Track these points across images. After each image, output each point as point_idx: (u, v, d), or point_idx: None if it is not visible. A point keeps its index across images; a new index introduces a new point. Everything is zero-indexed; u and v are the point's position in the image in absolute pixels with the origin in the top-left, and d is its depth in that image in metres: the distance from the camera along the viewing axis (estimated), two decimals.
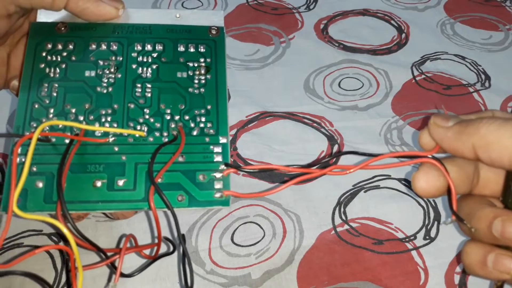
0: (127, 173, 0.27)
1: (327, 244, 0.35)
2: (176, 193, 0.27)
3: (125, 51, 0.31)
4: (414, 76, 0.49)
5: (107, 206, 0.27)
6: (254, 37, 0.53)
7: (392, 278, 0.33)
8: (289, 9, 0.57)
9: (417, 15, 0.57)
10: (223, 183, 0.28)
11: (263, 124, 0.43)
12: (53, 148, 0.27)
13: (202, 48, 0.31)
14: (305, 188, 0.38)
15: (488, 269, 0.23)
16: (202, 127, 0.29)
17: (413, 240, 0.35)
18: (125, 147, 0.28)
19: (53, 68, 0.30)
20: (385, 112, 0.45)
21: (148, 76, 0.30)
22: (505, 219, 0.22)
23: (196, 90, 0.30)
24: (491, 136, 0.22)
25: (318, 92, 0.47)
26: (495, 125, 0.22)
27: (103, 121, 0.28)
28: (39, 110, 0.28)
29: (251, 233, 0.35)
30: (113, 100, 0.29)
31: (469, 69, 0.50)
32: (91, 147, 0.28)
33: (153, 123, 0.29)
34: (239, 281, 0.32)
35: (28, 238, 0.34)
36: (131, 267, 0.31)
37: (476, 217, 0.23)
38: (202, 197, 0.27)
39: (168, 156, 0.27)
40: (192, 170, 0.28)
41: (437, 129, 0.24)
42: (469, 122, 0.23)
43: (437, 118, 0.24)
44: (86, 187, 0.27)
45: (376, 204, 0.37)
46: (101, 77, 0.30)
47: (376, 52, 0.51)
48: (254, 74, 0.48)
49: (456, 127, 0.23)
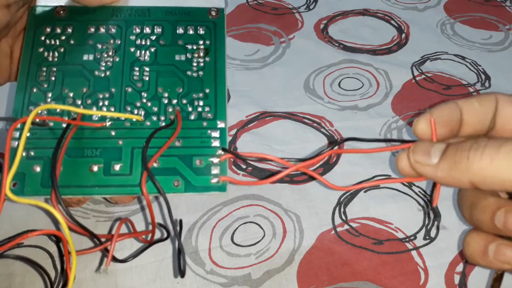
0: (124, 158, 0.27)
1: (327, 244, 0.35)
2: (172, 178, 0.27)
3: (124, 34, 0.31)
4: (414, 76, 0.49)
5: (104, 191, 0.27)
6: (254, 37, 0.53)
7: (392, 278, 0.33)
8: (289, 9, 0.57)
9: (417, 15, 0.57)
10: (220, 169, 0.27)
11: (263, 124, 0.43)
12: (50, 132, 0.27)
13: (201, 30, 0.31)
14: (305, 188, 0.38)
15: (489, 259, 0.23)
16: (200, 111, 0.29)
17: (413, 240, 0.35)
18: (122, 131, 0.28)
19: (52, 52, 0.30)
20: (385, 112, 0.45)
21: (146, 59, 0.30)
22: (509, 210, 0.22)
23: (194, 73, 0.30)
24: (487, 172, 0.21)
25: (318, 92, 0.47)
26: (487, 158, 0.21)
27: (100, 105, 0.28)
28: (37, 94, 0.28)
29: (251, 233, 0.35)
30: (110, 84, 0.29)
31: (469, 69, 0.50)
32: (88, 131, 0.28)
33: (150, 107, 0.29)
34: (239, 281, 0.32)
35: (28, 238, 0.34)
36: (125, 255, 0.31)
37: (479, 207, 0.23)
38: (198, 182, 0.27)
39: (165, 141, 0.27)
40: (189, 155, 0.27)
41: (422, 167, 0.23)
42: (457, 156, 0.22)
43: (417, 155, 0.23)
44: (83, 171, 0.27)
45: (376, 204, 0.37)
46: (99, 61, 0.30)
47: (376, 52, 0.51)
48: (254, 74, 0.48)
49: (445, 166, 0.22)
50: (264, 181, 0.25)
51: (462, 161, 0.21)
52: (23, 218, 0.35)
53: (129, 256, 0.30)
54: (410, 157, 0.23)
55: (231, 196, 0.37)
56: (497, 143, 0.21)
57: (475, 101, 0.25)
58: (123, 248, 0.34)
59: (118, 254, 0.33)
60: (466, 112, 0.25)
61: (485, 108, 0.25)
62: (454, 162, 0.22)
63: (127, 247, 0.34)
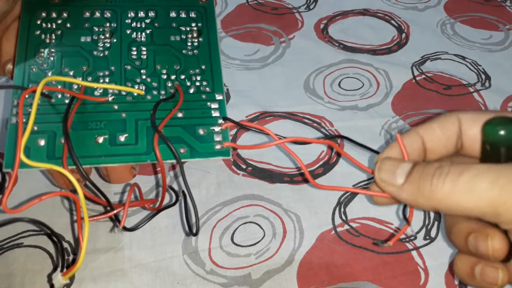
0: (128, 129, 0.28)
1: (327, 244, 0.35)
2: (178, 146, 0.28)
3: (119, 18, 0.31)
4: (414, 76, 0.49)
5: (111, 160, 0.27)
6: (254, 37, 0.53)
7: (392, 278, 0.33)
8: (289, 9, 0.57)
9: (417, 15, 0.57)
10: (222, 136, 0.28)
11: (263, 124, 0.43)
12: (53, 108, 0.28)
13: (193, 14, 0.32)
14: (305, 188, 0.38)
15: (477, 280, 0.23)
16: (198, 85, 0.30)
17: (413, 240, 0.35)
18: (124, 105, 0.29)
19: (49, 34, 0.30)
20: (385, 112, 0.45)
21: (142, 40, 0.31)
22: (478, 235, 0.22)
23: (190, 52, 0.31)
24: (448, 200, 0.20)
25: (318, 92, 0.47)
26: (448, 187, 0.20)
27: (101, 82, 0.29)
28: (37, 73, 0.29)
29: (251, 233, 0.35)
30: (109, 63, 0.30)
31: (469, 69, 0.50)
32: (91, 106, 0.28)
33: (150, 83, 0.29)
34: (239, 281, 0.32)
35: (28, 238, 0.34)
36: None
37: (453, 231, 0.23)
38: (203, 149, 0.28)
39: (167, 113, 0.28)
40: (192, 125, 0.28)
41: (387, 187, 0.23)
42: (421, 181, 0.21)
43: (382, 173, 0.23)
44: (89, 143, 0.27)
45: None
46: (97, 42, 0.30)
47: (376, 52, 0.51)
48: (254, 74, 0.48)
49: (410, 189, 0.22)
50: (265, 145, 0.26)
51: (425, 187, 0.21)
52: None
53: (139, 223, 0.31)
54: (376, 174, 0.23)
55: (231, 196, 0.37)
56: (459, 169, 0.20)
57: (437, 127, 0.24)
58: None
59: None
60: (428, 141, 0.24)
61: (448, 133, 0.24)
62: (417, 187, 0.21)
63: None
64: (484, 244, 0.22)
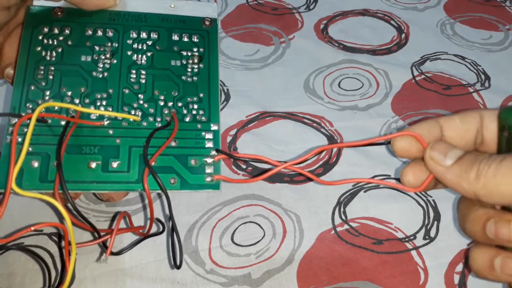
0: (121, 156, 0.28)
1: (327, 244, 0.35)
2: (168, 176, 0.28)
3: (121, 38, 0.31)
4: (414, 76, 0.49)
5: (101, 187, 0.27)
6: (254, 37, 0.53)
7: (391, 278, 0.33)
8: (289, 9, 0.57)
9: (417, 15, 0.57)
10: (214, 168, 0.28)
11: (263, 124, 0.43)
12: (49, 129, 0.28)
13: (195, 38, 0.32)
14: (305, 188, 0.38)
15: (497, 273, 0.23)
16: (195, 114, 0.30)
17: (412, 240, 0.35)
18: (120, 130, 0.28)
19: (50, 51, 0.30)
20: (385, 112, 0.45)
21: (142, 63, 0.31)
22: (498, 220, 0.22)
23: (189, 78, 0.31)
24: (492, 184, 0.21)
25: (318, 92, 0.47)
26: (492, 169, 0.21)
27: (98, 104, 0.29)
28: (35, 92, 0.29)
29: (251, 233, 0.35)
30: (108, 85, 0.30)
31: (469, 69, 0.50)
32: (86, 129, 0.28)
33: (147, 109, 0.29)
34: (239, 281, 0.33)
35: (28, 238, 0.34)
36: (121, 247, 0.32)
37: (469, 218, 0.23)
38: (193, 180, 0.28)
39: (162, 141, 0.28)
40: (184, 155, 0.28)
41: (434, 165, 0.23)
42: (469, 166, 0.22)
43: (434, 152, 0.23)
44: (81, 168, 0.27)
45: (376, 204, 0.37)
46: (97, 62, 0.30)
47: (376, 52, 0.51)
48: (254, 74, 0.49)
49: (456, 171, 0.22)
50: (255, 179, 0.27)
51: (472, 171, 0.22)
52: (23, 217, 0.35)
53: (124, 248, 0.31)
54: (427, 152, 0.24)
55: (231, 196, 0.37)
56: (501, 156, 0.21)
57: (457, 118, 0.25)
58: (119, 246, 0.34)
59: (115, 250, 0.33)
60: (447, 130, 0.25)
61: (467, 125, 0.24)
62: (465, 170, 0.22)
63: (124, 244, 0.34)
64: (506, 229, 0.22)
